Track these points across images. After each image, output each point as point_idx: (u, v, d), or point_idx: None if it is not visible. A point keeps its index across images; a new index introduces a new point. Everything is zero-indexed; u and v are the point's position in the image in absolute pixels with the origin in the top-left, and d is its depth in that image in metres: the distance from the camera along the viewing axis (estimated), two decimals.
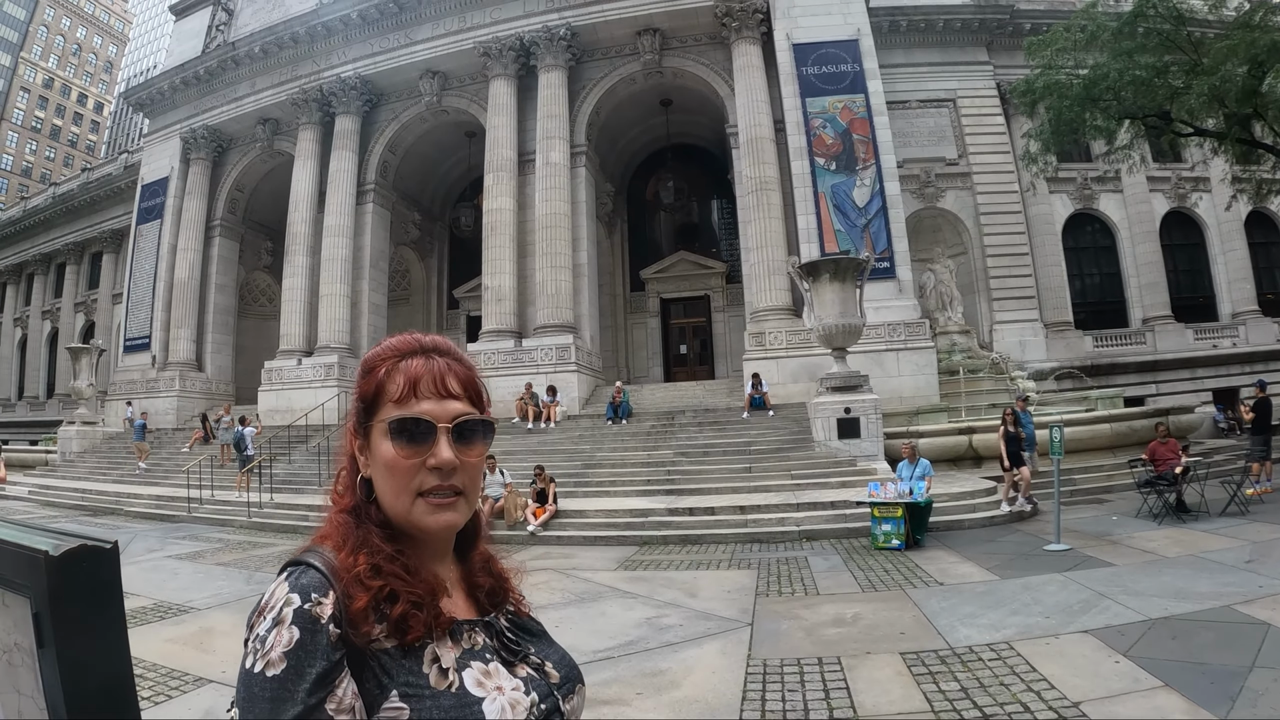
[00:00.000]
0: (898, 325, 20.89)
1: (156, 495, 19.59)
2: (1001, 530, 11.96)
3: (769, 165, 22.84)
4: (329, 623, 0.99)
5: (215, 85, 31.18)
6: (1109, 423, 17.51)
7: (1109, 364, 26.47)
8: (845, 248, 21.19)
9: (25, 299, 47.27)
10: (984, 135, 27.14)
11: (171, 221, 30.99)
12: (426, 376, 1.16)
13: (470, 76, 26.76)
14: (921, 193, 26.36)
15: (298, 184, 28.05)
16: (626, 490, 15.85)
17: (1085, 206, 28.51)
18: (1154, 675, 5.26)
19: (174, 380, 29.01)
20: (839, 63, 23.14)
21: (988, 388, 21.83)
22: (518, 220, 24.54)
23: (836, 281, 16.68)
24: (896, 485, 11.53)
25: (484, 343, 23.80)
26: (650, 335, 31.38)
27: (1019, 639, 6.35)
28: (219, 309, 30.96)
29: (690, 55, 25.31)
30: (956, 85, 27.43)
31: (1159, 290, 27.84)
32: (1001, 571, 9.02)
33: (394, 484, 1.13)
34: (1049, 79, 18.44)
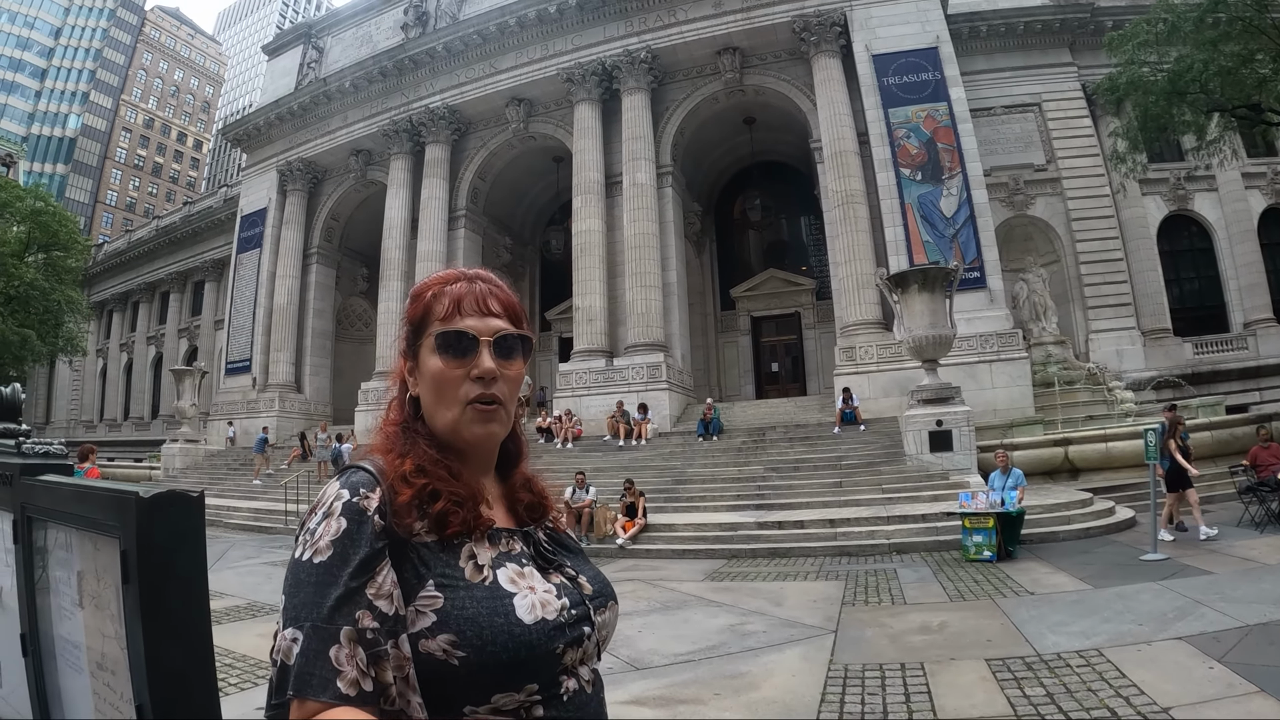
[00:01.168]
0: (990, 336, 20.42)
1: (255, 508, 20.41)
2: (1097, 541, 11.70)
3: (854, 178, 22.72)
4: (375, 514, 1.07)
5: (308, 120, 32.59)
6: (1209, 430, 16.68)
7: (1210, 371, 25.35)
8: (934, 259, 20.83)
9: (131, 325, 49.87)
10: (1071, 139, 26.45)
11: (270, 250, 32.45)
12: (469, 297, 1.24)
13: (555, 102, 27.35)
14: (1011, 200, 25.87)
15: (390, 212, 29.08)
16: (716, 505, 15.88)
17: (1179, 208, 27.39)
18: (1249, 680, 5.11)
19: (273, 401, 30.25)
20: (919, 71, 22.94)
21: (1084, 399, 21.26)
22: (606, 241, 24.95)
23: (925, 292, 16.44)
24: (988, 495, 11.30)
25: (575, 362, 24.26)
26: (741, 353, 31.37)
27: (1109, 646, 6.22)
28: (317, 333, 32.23)
29: (771, 72, 25.41)
30: (1041, 89, 26.83)
31: (1260, 292, 26.49)
32: (1095, 581, 8.84)
33: (441, 394, 1.20)
34: (1132, 75, 17.84)
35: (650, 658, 6.74)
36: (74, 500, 1.58)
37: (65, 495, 1.64)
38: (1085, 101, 26.51)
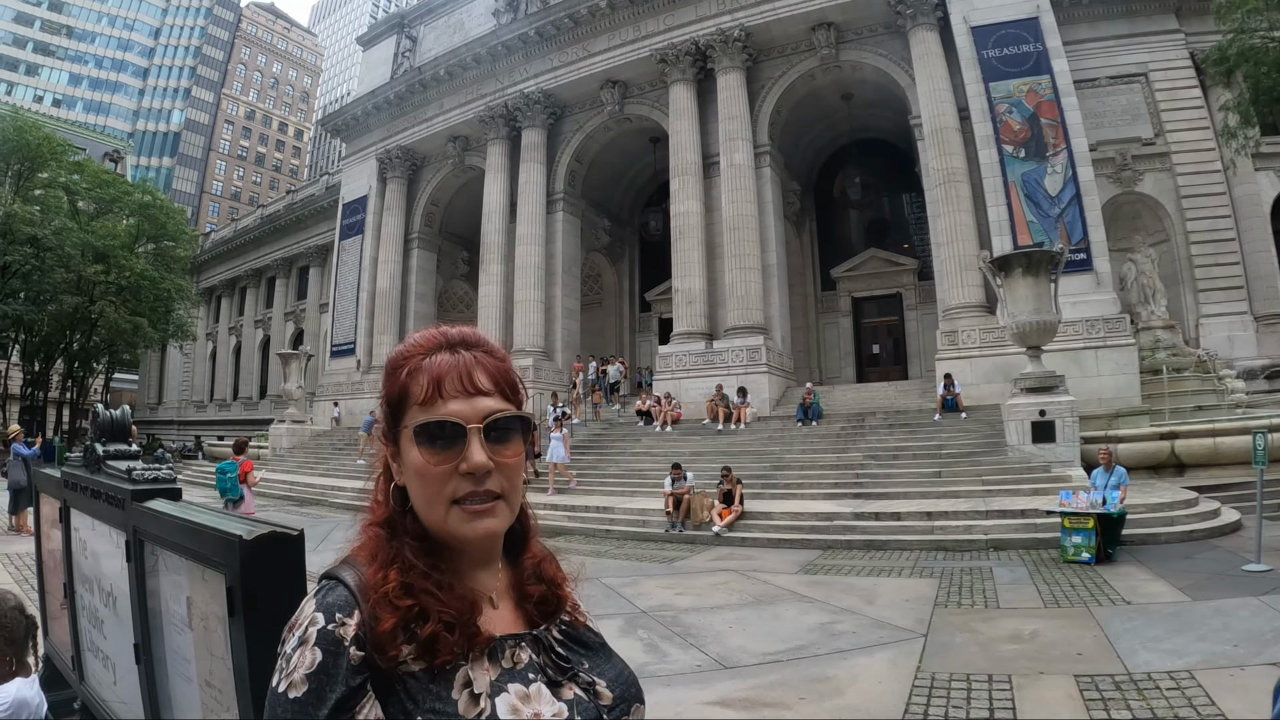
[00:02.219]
0: (1096, 321, 19.73)
1: (359, 488, 20.80)
2: (1200, 546, 11.14)
3: (955, 156, 22.25)
4: (351, 644, 0.96)
5: (405, 108, 33.52)
6: None
7: None
8: (1038, 239, 20.33)
9: (239, 309, 52.27)
10: (1180, 111, 25.15)
11: (371, 236, 33.66)
12: (451, 373, 1.08)
13: (650, 83, 27.46)
14: (1118, 177, 24.85)
15: (489, 196, 29.77)
16: (813, 493, 15.79)
17: None
18: None
19: (378, 382, 30.81)
20: (1020, 43, 22.23)
21: (1193, 388, 20.26)
22: (705, 223, 25.00)
23: (1029, 276, 16.07)
24: (1089, 494, 10.98)
25: (675, 345, 24.48)
26: (842, 335, 31.08)
27: (1201, 668, 5.97)
28: (419, 316, 33.18)
29: (867, 47, 24.95)
30: (1147, 58, 25.52)
31: None
32: (1193, 592, 8.48)
33: (426, 492, 1.07)
34: (1242, 44, 17.08)
35: (739, 656, 6.80)
36: (182, 533, 1.73)
37: (174, 527, 1.80)
38: (1194, 71, 25.14)
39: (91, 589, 2.73)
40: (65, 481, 2.86)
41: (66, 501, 2.88)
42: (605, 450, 21.84)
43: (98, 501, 2.46)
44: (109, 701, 2.65)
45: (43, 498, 3.48)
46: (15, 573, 10.29)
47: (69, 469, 2.86)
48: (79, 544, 2.84)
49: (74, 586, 2.90)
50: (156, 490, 2.11)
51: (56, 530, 3.09)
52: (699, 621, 8.09)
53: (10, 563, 10.95)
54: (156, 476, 2.18)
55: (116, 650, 2.48)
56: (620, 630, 7.81)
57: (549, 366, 27.73)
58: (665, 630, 7.75)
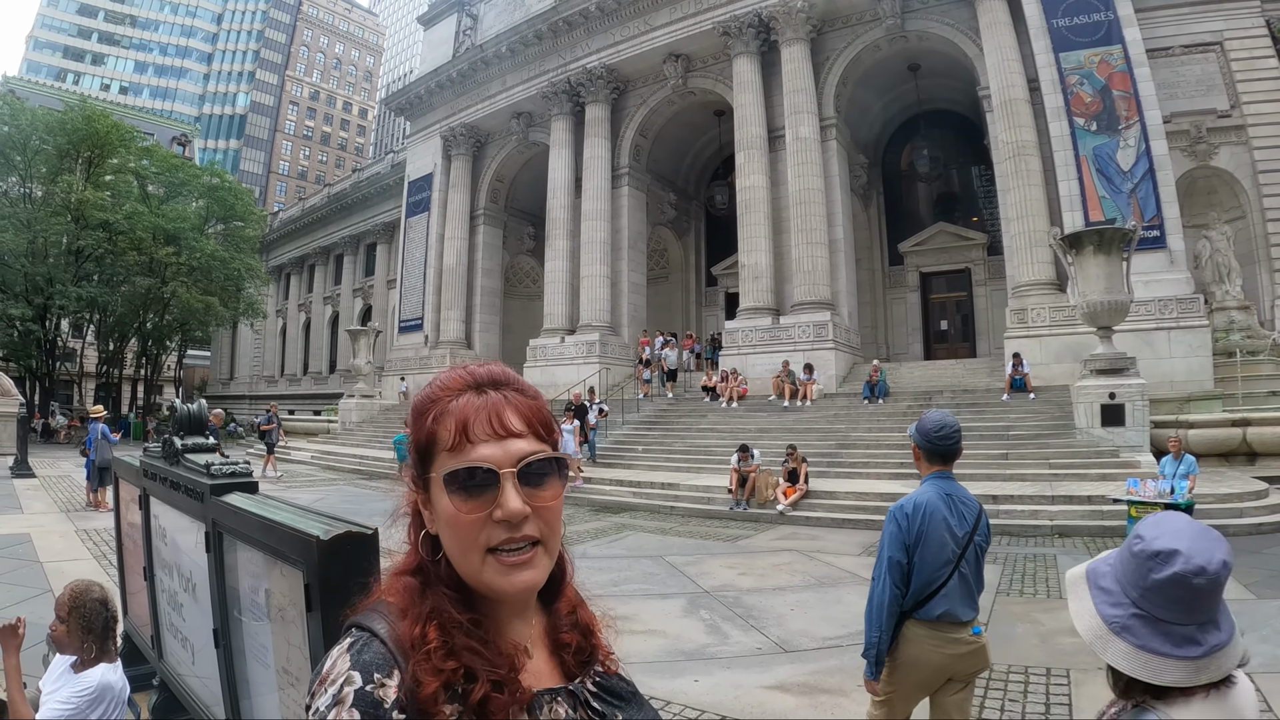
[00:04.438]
0: (1168, 301, 19.12)
1: None
2: (1268, 540, 10.75)
3: (1025, 128, 21.85)
4: (394, 709, 0.91)
5: (468, 86, 33.91)
6: None
7: None
8: (1110, 215, 19.91)
9: (308, 286, 53.56)
10: (1256, 81, 24.13)
11: (437, 213, 34.33)
12: (480, 415, 1.02)
13: (713, 56, 27.31)
14: (1192, 150, 24.07)
15: (554, 172, 30.01)
16: (878, 473, 15.73)
17: None
18: None
19: (445, 358, 31.98)
20: (1091, 11, 21.59)
21: (1268, 372, 19.61)
22: (771, 197, 24.90)
23: (1101, 254, 15.78)
24: (1157, 483, 10.71)
25: (741, 320, 24.53)
26: (910, 311, 30.76)
27: (1261, 671, 5.74)
28: (485, 291, 33.89)
29: (934, 16, 24.52)
30: (1222, 25, 24.48)
31: None
32: (1258, 589, 8.23)
33: (459, 542, 1.01)
34: None
35: (799, 639, 6.83)
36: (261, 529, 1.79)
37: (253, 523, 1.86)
38: (1271, 40, 24.10)
39: (171, 574, 2.85)
40: (145, 471, 2.96)
41: (146, 490, 2.99)
42: (670, 426, 22.02)
43: (177, 493, 2.55)
44: (186, 679, 2.79)
45: (122, 484, 3.61)
46: (94, 548, 10.67)
47: (148, 459, 2.97)
48: (158, 531, 2.96)
49: (154, 570, 3.03)
50: (234, 484, 2.19)
51: (136, 514, 3.21)
52: (760, 603, 8.20)
53: (89, 538, 11.33)
54: (234, 471, 2.27)
55: (195, 632, 2.58)
56: (683, 610, 7.96)
57: (615, 341, 27.96)
58: (727, 611, 7.88)
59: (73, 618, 2.79)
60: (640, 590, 8.71)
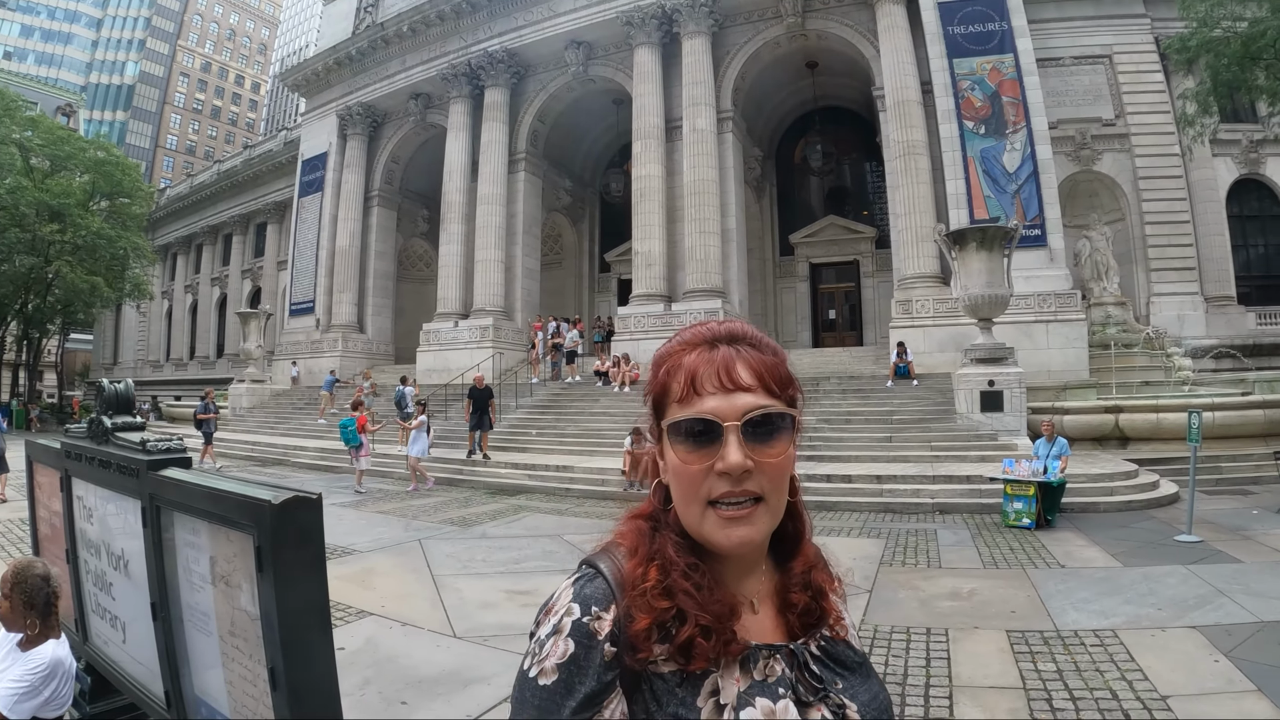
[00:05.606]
0: (1048, 296, 20.15)
1: (321, 448, 20.90)
2: (1137, 516, 11.53)
3: (916, 129, 22.39)
4: (605, 640, 0.94)
5: (367, 64, 32.84)
6: (1262, 409, 16.07)
7: (1272, 344, 24.42)
8: (995, 214, 20.61)
9: (195, 267, 51.08)
10: (1142, 94, 25.44)
11: (331, 194, 33.13)
12: (709, 369, 1.02)
13: (615, 45, 27.17)
14: (1077, 155, 25.18)
15: (451, 155, 29.37)
16: None
17: (1251, 171, 26.28)
18: (1249, 679, 5.19)
19: (337, 341, 31.15)
20: (986, 21, 22.37)
21: (1141, 364, 20.80)
22: (666, 186, 25.01)
23: (983, 250, 16.38)
24: (1030, 463, 11.35)
25: (634, 306, 24.60)
26: (799, 300, 31.41)
27: (1125, 628, 6.35)
28: (378, 274, 32.97)
29: (834, 17, 24.94)
30: (1112, 40, 25.72)
31: None
32: (1125, 559, 8.86)
33: (682, 491, 1.02)
34: (1203, 36, 17.19)
35: None
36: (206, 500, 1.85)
37: (197, 493, 1.92)
38: (1158, 55, 25.34)
39: (99, 554, 2.86)
40: (67, 453, 2.96)
41: (68, 471, 3.00)
42: (564, 410, 21.90)
43: (108, 471, 2.57)
44: (117, 659, 2.79)
45: (38, 468, 3.57)
46: None
47: (70, 440, 2.97)
48: (83, 512, 2.97)
49: (77, 553, 3.03)
50: (170, 460, 2.24)
51: (56, 497, 3.21)
52: None
53: None
54: (169, 448, 2.31)
55: (127, 610, 2.62)
56: None
57: (509, 326, 27.72)
58: None
59: (15, 594, 2.82)
60: (541, 567, 8.82)
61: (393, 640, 6.24)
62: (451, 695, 5.09)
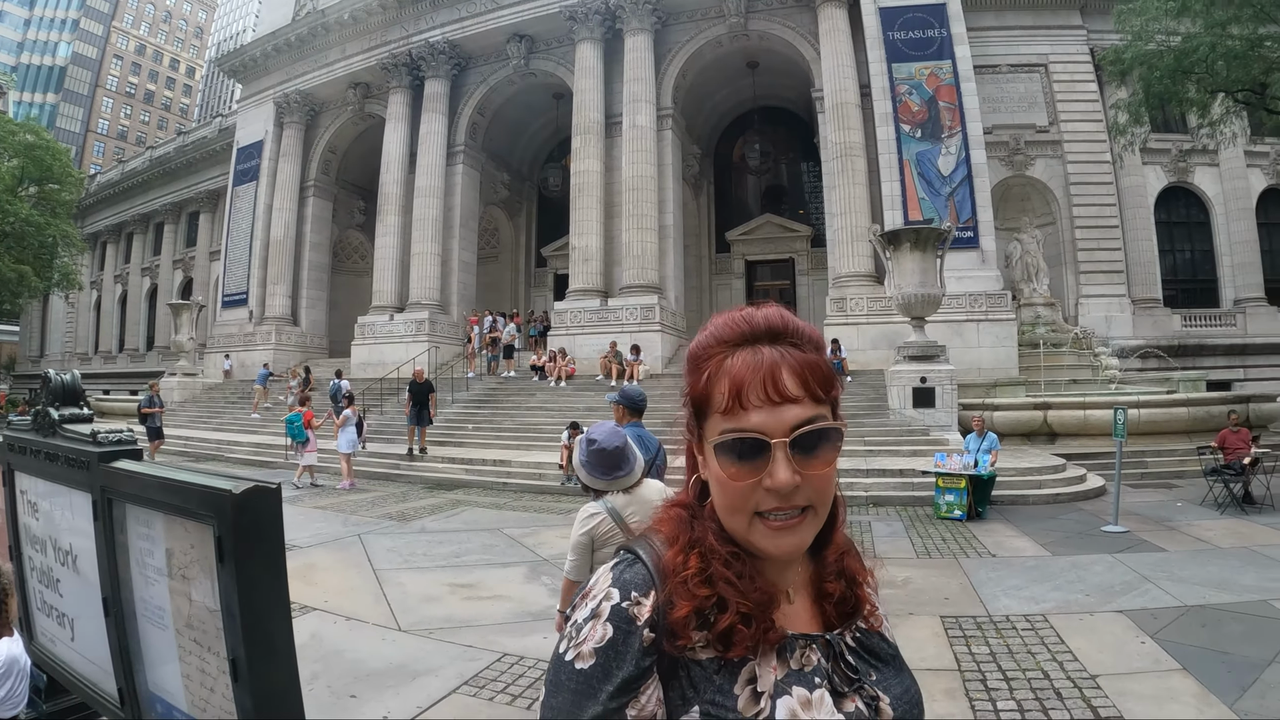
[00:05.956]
0: (979, 296, 20.67)
1: (256, 443, 20.52)
2: (1064, 508, 11.98)
3: (854, 131, 22.70)
4: (644, 626, 0.94)
5: (306, 51, 32.09)
6: (1186, 406, 16.88)
7: (1196, 345, 25.49)
8: (929, 216, 21.04)
9: (125, 257, 49.41)
10: (1075, 102, 26.16)
11: (267, 183, 32.29)
12: (755, 380, 0.97)
13: (557, 39, 27.03)
14: (1010, 160, 25.74)
15: (389, 146, 28.89)
16: None
17: (1179, 180, 27.23)
18: (1174, 658, 5.47)
19: (270, 334, 30.44)
20: (926, 27, 22.76)
21: (1069, 363, 21.52)
22: (604, 182, 24.95)
23: (917, 251, 16.68)
24: (962, 457, 11.66)
25: (570, 301, 24.46)
26: (735, 297, 31.47)
27: (1055, 613, 6.62)
28: (313, 266, 32.28)
29: (776, 18, 25.14)
30: (1048, 49, 26.41)
31: (1253, 271, 26.52)
32: (1054, 548, 9.18)
33: (726, 502, 0.99)
34: (1138, 50, 17.62)
35: None
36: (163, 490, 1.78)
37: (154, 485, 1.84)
38: (1092, 66, 26.07)
39: (44, 549, 2.73)
40: (10, 445, 2.80)
41: (11, 465, 2.83)
42: (500, 405, 21.74)
43: (55, 464, 2.45)
44: (63, 658, 2.67)
45: None
46: None
47: (12, 433, 2.81)
48: (26, 507, 2.82)
49: (20, 549, 2.88)
50: (122, 452, 2.13)
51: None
52: None
53: None
54: (120, 439, 2.19)
55: (76, 606, 2.51)
56: (525, 577, 8.17)
57: (445, 320, 27.44)
58: None
59: None
60: (482, 560, 8.90)
61: (338, 634, 6.24)
62: (400, 687, 5.15)
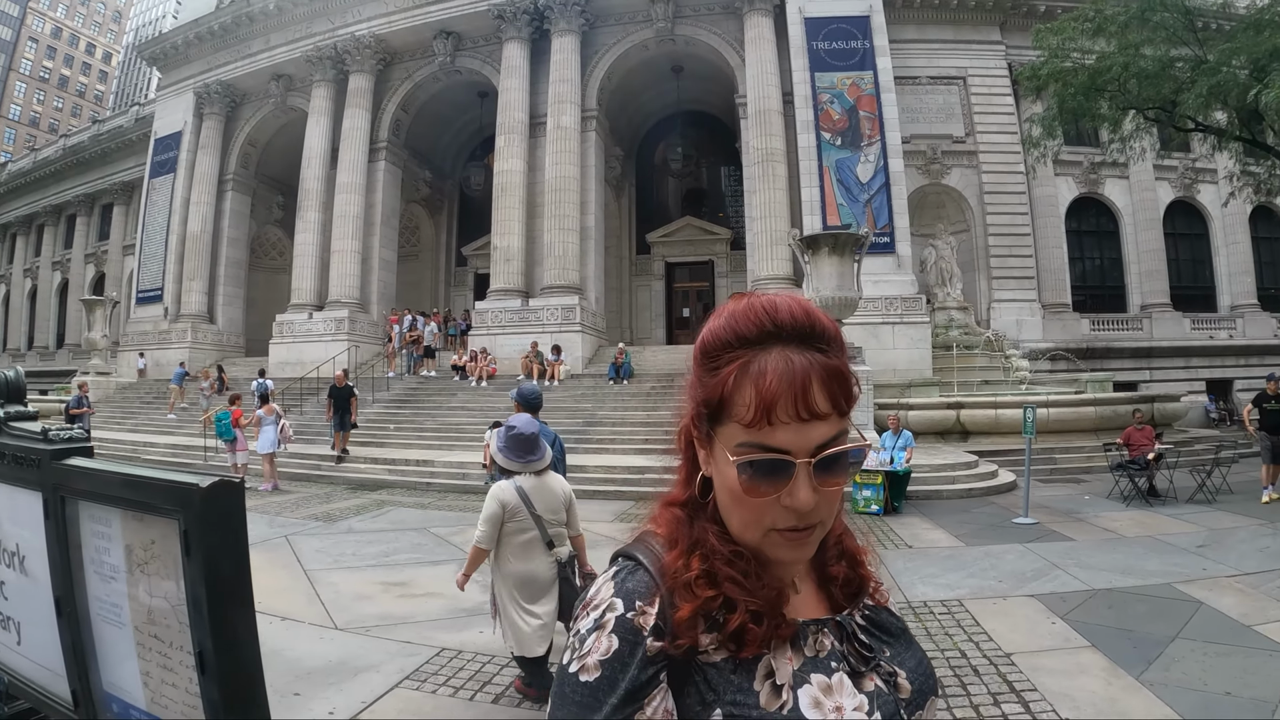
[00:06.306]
0: (895, 299, 21.32)
1: (173, 444, 19.94)
2: (977, 502, 12.43)
3: (776, 137, 23.15)
4: (650, 635, 0.91)
5: (229, 41, 31.26)
6: (1093, 406, 17.81)
7: (1104, 348, 26.54)
8: (847, 221, 21.55)
9: (35, 250, 47.34)
10: (992, 115, 26.94)
11: (184, 175, 31.32)
12: (786, 395, 0.92)
13: (484, 38, 26.88)
14: (927, 169, 26.37)
15: (311, 141, 28.33)
16: (625, 448, 16.33)
17: (1090, 190, 28.34)
18: (1083, 637, 5.85)
19: (186, 332, 29.54)
20: (849, 39, 23.33)
21: (981, 364, 22.16)
22: (527, 182, 24.95)
23: (835, 255, 17.04)
24: (878, 454, 11.98)
25: (491, 301, 24.37)
26: (654, 298, 31.93)
27: (970, 598, 6.94)
28: (230, 262, 31.42)
29: (703, 24, 25.46)
30: (967, 63, 27.16)
31: (1159, 278, 27.81)
32: (968, 540, 9.54)
33: (741, 516, 0.96)
34: (1054, 67, 18.23)
35: None
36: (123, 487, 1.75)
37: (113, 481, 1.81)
38: (1009, 80, 26.82)
39: None
40: None
41: None
42: (422, 405, 21.61)
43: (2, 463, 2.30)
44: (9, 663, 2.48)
45: None
46: None
47: None
48: None
49: None
50: (74, 449, 2.05)
51: None
52: None
53: None
54: (71, 436, 2.10)
55: (22, 610, 2.37)
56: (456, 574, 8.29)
57: (365, 319, 27.05)
58: None
59: None
60: (412, 559, 9.00)
61: (275, 634, 6.18)
62: (343, 684, 5.21)
